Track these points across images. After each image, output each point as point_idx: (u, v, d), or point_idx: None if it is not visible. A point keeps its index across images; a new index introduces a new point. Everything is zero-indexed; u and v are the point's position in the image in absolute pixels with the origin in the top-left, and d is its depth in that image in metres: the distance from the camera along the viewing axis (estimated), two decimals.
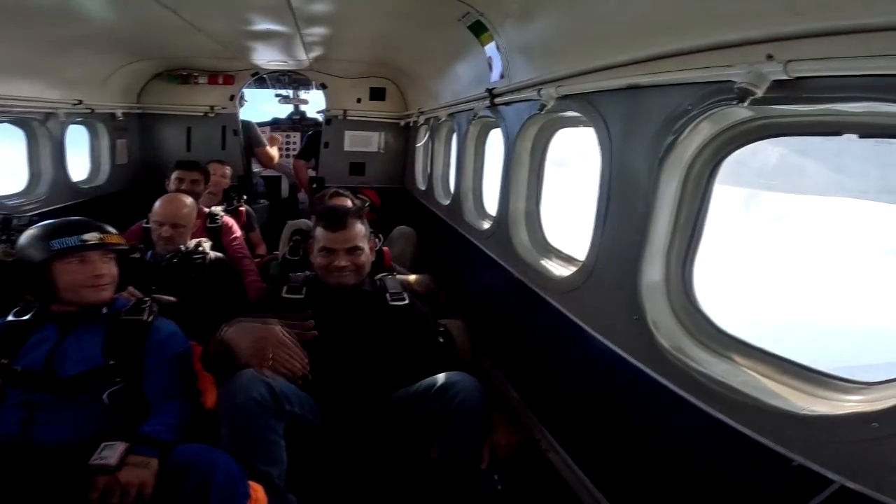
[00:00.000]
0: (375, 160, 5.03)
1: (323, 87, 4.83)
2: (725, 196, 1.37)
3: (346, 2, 2.57)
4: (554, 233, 2.27)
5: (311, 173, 5.12)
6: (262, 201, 5.07)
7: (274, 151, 5.16)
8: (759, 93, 0.90)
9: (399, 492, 1.89)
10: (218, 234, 3.20)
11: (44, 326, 1.75)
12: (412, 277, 2.86)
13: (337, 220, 2.03)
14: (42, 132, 3.34)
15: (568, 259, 2.02)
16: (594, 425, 1.57)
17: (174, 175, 3.28)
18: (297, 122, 6.30)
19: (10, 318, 1.78)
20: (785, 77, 0.87)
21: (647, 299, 1.26)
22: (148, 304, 1.89)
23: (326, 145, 4.90)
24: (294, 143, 6.23)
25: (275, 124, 6.27)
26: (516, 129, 2.22)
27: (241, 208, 3.78)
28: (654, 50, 1.20)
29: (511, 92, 2.22)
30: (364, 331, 2.03)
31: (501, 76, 2.32)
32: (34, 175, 3.38)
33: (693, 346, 1.20)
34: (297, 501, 1.67)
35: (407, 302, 2.14)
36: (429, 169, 4.10)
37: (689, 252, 1.25)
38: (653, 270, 1.27)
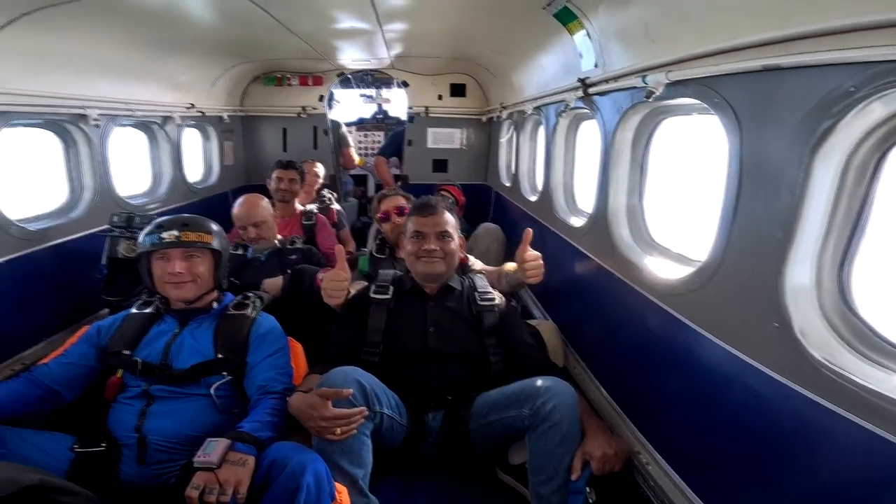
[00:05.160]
0: (458, 157, 5.05)
1: (405, 84, 4.92)
2: None
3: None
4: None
5: (395, 171, 5.23)
6: (350, 199, 5.27)
7: (355, 156, 5.34)
8: None
9: (481, 498, 1.85)
10: (312, 231, 3.35)
11: (163, 319, 1.86)
12: (503, 268, 2.77)
13: (427, 207, 2.06)
14: (161, 135, 3.63)
15: (679, 258, 1.87)
16: (710, 439, 1.44)
17: (274, 174, 3.46)
18: (381, 120, 6.48)
19: (134, 310, 1.89)
20: None
21: (793, 305, 1.12)
22: (252, 299, 1.96)
23: (410, 143, 5.00)
24: (378, 141, 6.41)
25: (360, 124, 6.49)
26: (615, 120, 2.10)
27: (333, 207, 3.93)
28: (797, 28, 1.06)
29: (608, 81, 2.10)
30: (451, 331, 2.01)
31: (595, 65, 2.20)
32: (155, 176, 3.68)
33: (854, 358, 1.05)
34: None
35: (497, 301, 2.11)
36: (513, 164, 4.02)
37: (847, 251, 1.09)
38: (801, 272, 1.12)
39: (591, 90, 2.25)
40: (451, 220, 2.08)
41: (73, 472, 1.59)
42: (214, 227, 1.91)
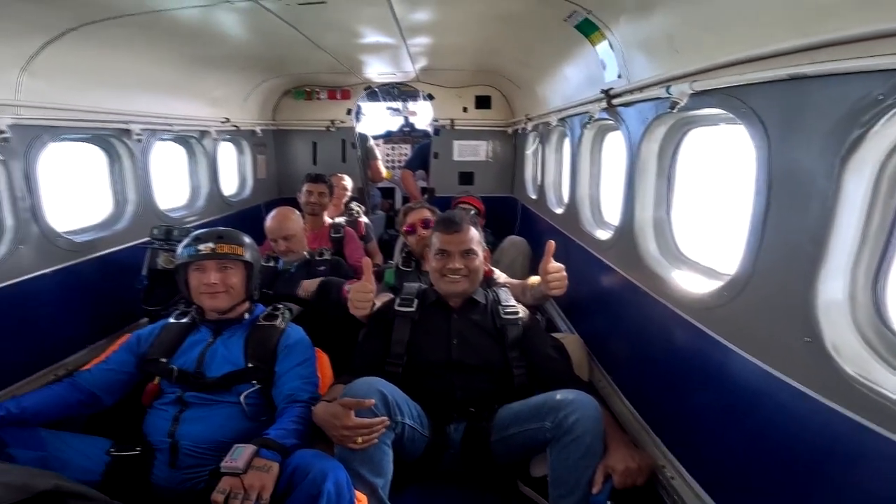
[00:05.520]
0: (484, 169, 5.05)
1: (430, 97, 4.97)
2: None
3: (445, 10, 2.61)
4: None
5: (422, 184, 5.27)
6: (378, 212, 5.33)
7: (383, 169, 5.40)
8: None
9: None
10: (341, 244, 3.42)
11: (198, 329, 1.95)
12: (527, 281, 2.77)
13: (452, 224, 2.06)
14: (199, 149, 3.75)
15: (707, 271, 1.83)
16: (738, 454, 1.41)
17: (304, 188, 3.54)
18: (408, 133, 6.52)
19: (172, 319, 1.98)
20: None
21: (825, 319, 1.09)
22: (281, 310, 2.03)
23: (436, 156, 5.03)
24: (405, 154, 6.46)
25: (388, 137, 6.55)
26: (640, 131, 2.08)
27: (361, 220, 3.99)
28: (822, 36, 1.04)
29: (631, 91, 2.08)
30: (475, 343, 2.03)
31: (619, 76, 2.19)
32: (194, 190, 3.80)
33: (889, 373, 1.01)
34: None
35: (521, 315, 2.11)
36: (539, 177, 4.01)
37: (882, 264, 1.05)
38: (833, 286, 1.09)
39: (615, 101, 2.24)
40: (475, 237, 2.09)
41: (109, 475, 1.67)
42: (247, 239, 2.00)
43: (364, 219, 4.07)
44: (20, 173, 2.15)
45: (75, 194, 3.03)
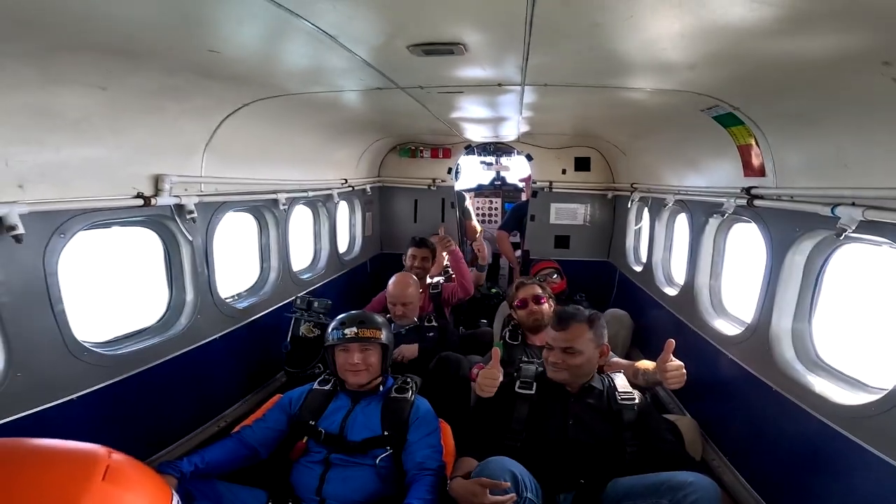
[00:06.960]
0: (580, 233, 4.97)
1: (529, 158, 4.98)
2: None
3: (577, 94, 2.50)
4: None
5: (513, 239, 5.28)
6: (471, 269, 5.40)
7: (477, 225, 5.46)
8: None
9: None
10: (439, 297, 3.62)
11: (338, 396, 2.17)
12: (639, 366, 2.71)
13: (560, 321, 2.19)
14: (323, 212, 3.96)
15: (855, 383, 1.79)
16: None
17: (409, 252, 3.74)
18: (499, 187, 6.54)
19: (316, 386, 2.22)
20: None
21: None
22: (410, 384, 2.20)
23: (532, 218, 4.98)
24: (496, 208, 6.52)
25: (479, 190, 6.61)
26: (785, 239, 2.03)
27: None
28: None
29: (780, 198, 2.03)
30: (590, 424, 2.11)
31: (764, 174, 2.14)
32: (316, 252, 4.01)
33: None
34: None
35: (637, 401, 2.17)
36: (646, 251, 3.92)
37: None
38: None
39: (757, 203, 2.19)
40: (581, 335, 2.14)
41: None
42: (381, 320, 2.21)
43: None
44: (201, 249, 2.43)
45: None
